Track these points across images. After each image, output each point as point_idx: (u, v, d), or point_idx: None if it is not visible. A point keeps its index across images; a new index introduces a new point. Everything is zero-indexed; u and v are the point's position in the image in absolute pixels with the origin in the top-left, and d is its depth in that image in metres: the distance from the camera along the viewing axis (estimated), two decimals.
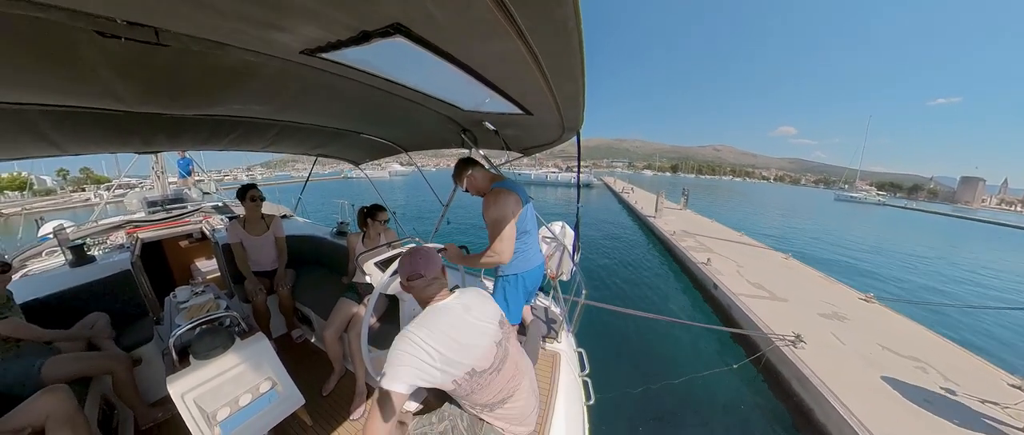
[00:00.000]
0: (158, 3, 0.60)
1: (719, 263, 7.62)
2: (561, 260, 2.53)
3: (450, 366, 0.97)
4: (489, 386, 1.03)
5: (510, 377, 1.08)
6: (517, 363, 1.13)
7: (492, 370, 1.03)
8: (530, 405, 1.13)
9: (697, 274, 7.44)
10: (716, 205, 31.51)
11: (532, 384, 1.19)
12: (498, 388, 1.05)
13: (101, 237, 3.74)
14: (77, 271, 2.67)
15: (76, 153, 1.89)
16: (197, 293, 2.18)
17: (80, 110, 1.22)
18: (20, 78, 0.90)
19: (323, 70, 1.01)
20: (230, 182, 17.26)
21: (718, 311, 6.07)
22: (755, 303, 5.48)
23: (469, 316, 1.06)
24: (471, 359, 1.00)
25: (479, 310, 1.11)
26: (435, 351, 0.96)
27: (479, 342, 1.04)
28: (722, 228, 12.48)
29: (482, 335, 1.05)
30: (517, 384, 1.10)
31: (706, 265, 7.36)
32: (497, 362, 1.05)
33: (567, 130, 1.55)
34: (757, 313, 5.08)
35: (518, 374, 1.11)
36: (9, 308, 1.84)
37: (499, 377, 1.05)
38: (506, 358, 1.09)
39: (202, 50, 0.81)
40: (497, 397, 1.06)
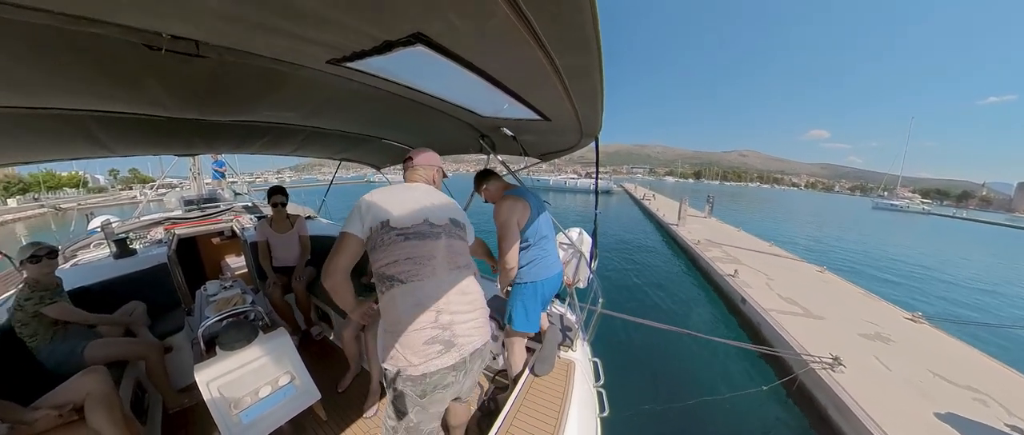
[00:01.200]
0: (199, 18, 0.65)
1: (747, 275, 7.25)
2: (578, 267, 2.50)
3: (373, 216, 1.07)
4: (389, 248, 1.05)
5: (419, 256, 1.07)
6: (450, 256, 1.14)
7: (400, 235, 1.06)
8: (431, 310, 1.05)
9: (723, 286, 7.10)
10: (742, 213, 30.20)
11: (458, 293, 1.12)
12: (395, 255, 1.05)
13: (142, 232, 4.04)
14: (120, 262, 2.88)
15: (123, 154, 2.05)
16: (226, 287, 2.31)
17: (128, 116, 1.33)
18: (78, 87, 0.99)
19: (348, 78, 1.06)
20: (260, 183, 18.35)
21: (746, 327, 5.75)
22: (787, 320, 5.14)
23: (425, 198, 1.18)
24: (388, 214, 1.08)
25: (439, 197, 1.24)
26: (371, 204, 1.09)
27: (410, 208, 1.11)
28: (749, 237, 11.91)
29: (420, 209, 1.13)
30: (418, 271, 1.06)
31: (733, 277, 7.01)
32: (413, 234, 1.08)
33: (585, 136, 1.55)
34: (790, 331, 4.76)
35: (438, 265, 1.09)
36: (58, 293, 1.98)
37: (405, 246, 1.06)
38: (430, 238, 1.10)
39: (237, 61, 0.87)
40: (392, 266, 1.05)
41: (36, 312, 1.84)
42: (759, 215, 29.55)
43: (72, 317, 1.95)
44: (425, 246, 1.09)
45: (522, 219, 1.70)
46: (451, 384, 1.08)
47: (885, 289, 8.05)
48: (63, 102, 1.11)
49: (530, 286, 1.80)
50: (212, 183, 7.96)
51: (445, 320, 1.05)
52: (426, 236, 1.10)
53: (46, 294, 1.89)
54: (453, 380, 1.08)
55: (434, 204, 1.18)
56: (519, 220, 1.68)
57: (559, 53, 0.73)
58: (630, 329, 4.53)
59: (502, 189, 1.84)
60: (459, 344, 1.07)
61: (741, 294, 6.21)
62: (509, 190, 1.79)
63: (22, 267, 1.91)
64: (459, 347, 1.06)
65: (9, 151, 1.56)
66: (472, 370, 1.15)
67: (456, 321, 1.07)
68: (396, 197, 1.13)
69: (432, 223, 1.12)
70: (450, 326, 1.06)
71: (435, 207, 1.18)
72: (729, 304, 6.62)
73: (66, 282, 2.16)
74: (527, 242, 1.78)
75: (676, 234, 12.26)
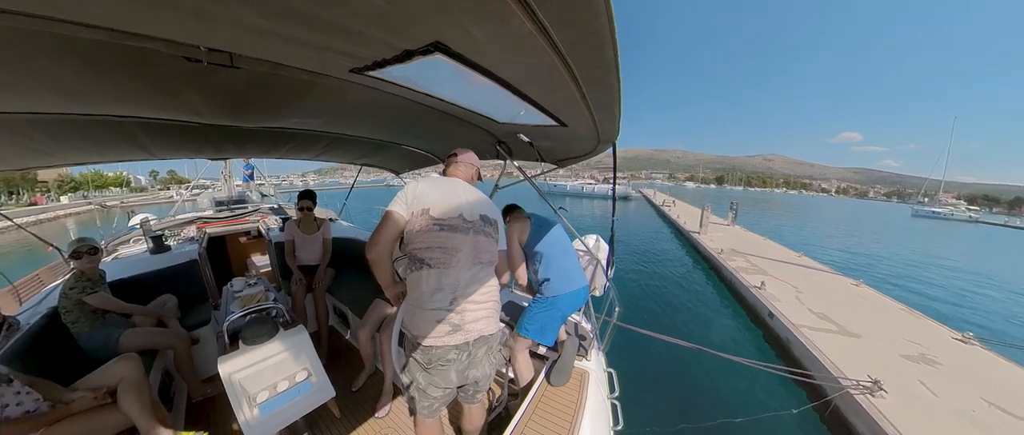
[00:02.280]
0: (234, 32, 0.70)
1: (775, 287, 6.89)
2: (594, 275, 2.47)
3: (418, 201, 1.19)
4: (425, 234, 1.16)
5: (449, 246, 1.18)
6: (475, 251, 1.22)
7: (437, 225, 1.17)
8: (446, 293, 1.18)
9: (749, 299, 6.78)
10: (768, 220, 28.87)
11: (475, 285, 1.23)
12: (429, 242, 1.16)
13: (177, 230, 4.27)
14: (156, 257, 3.06)
15: (163, 157, 2.21)
16: (250, 284, 2.39)
17: (168, 122, 1.44)
18: (125, 96, 1.08)
19: (369, 87, 1.10)
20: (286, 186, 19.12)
21: (773, 343, 5.45)
22: (820, 337, 4.84)
23: (463, 193, 1.26)
24: (431, 203, 1.18)
25: (474, 196, 1.31)
26: (418, 191, 1.20)
27: (449, 201, 1.21)
28: (777, 246, 11.36)
29: (457, 204, 1.22)
30: (447, 259, 1.17)
31: (760, 289, 6.68)
32: (447, 226, 1.18)
33: (603, 141, 1.55)
34: (823, 349, 4.47)
35: (463, 257, 1.19)
36: (100, 284, 2.13)
37: (439, 235, 1.17)
38: (462, 232, 1.20)
39: (267, 71, 0.92)
40: (425, 251, 1.17)
41: (79, 300, 1.98)
42: (786, 223, 28.15)
43: (110, 307, 2.10)
44: (456, 238, 1.18)
45: (523, 234, 1.83)
46: (454, 361, 1.20)
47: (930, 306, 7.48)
48: (112, 109, 1.21)
49: (548, 301, 1.83)
50: (241, 185, 8.45)
51: (459, 306, 1.17)
52: (458, 230, 1.19)
53: (89, 285, 2.04)
54: (455, 358, 1.20)
55: (470, 200, 1.27)
56: (519, 235, 1.83)
57: (575, 59, 0.74)
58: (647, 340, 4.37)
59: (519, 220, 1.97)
60: (466, 329, 1.19)
61: (768, 307, 5.90)
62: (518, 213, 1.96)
63: (70, 260, 2.07)
64: (465, 331, 1.19)
65: (64, 153, 1.70)
66: (477, 357, 1.25)
67: (468, 309, 1.19)
68: (439, 189, 1.23)
69: (465, 218, 1.21)
70: (462, 312, 1.18)
71: (470, 203, 1.26)
72: (755, 317, 6.31)
73: (107, 274, 2.32)
74: (544, 258, 1.84)
75: (697, 242, 11.85)
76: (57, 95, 0.99)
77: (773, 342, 5.45)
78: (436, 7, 0.59)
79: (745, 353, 5.26)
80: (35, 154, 1.59)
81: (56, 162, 1.89)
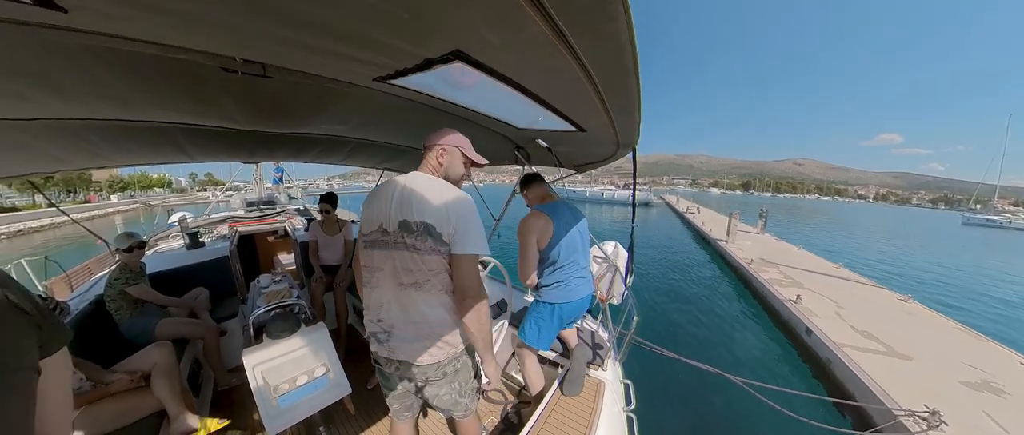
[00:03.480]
0: (267, 44, 0.74)
1: (812, 301, 6.47)
2: (612, 282, 2.40)
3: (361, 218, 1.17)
4: (360, 250, 1.17)
5: (372, 266, 1.12)
6: (395, 272, 1.08)
7: (364, 241, 1.14)
8: (373, 311, 1.14)
9: (783, 313, 6.38)
10: (801, 228, 27.30)
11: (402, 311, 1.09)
12: (363, 260, 1.16)
13: (211, 228, 4.58)
14: (191, 253, 3.28)
15: (201, 160, 2.37)
16: (276, 281, 2.50)
17: (206, 128, 1.54)
18: (168, 104, 1.17)
19: (392, 94, 1.14)
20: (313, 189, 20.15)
21: (811, 362, 5.08)
22: (865, 359, 4.47)
23: (398, 188, 1.09)
24: (363, 217, 1.15)
25: (411, 189, 1.07)
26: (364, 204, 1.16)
27: (374, 210, 1.12)
28: (812, 257, 10.67)
29: (379, 211, 1.10)
30: (370, 280, 1.13)
31: (795, 303, 6.28)
32: (369, 242, 1.12)
33: (622, 146, 1.54)
34: (869, 372, 4.11)
35: (384, 277, 1.10)
36: (141, 276, 2.29)
37: (365, 253, 1.14)
38: (382, 248, 1.09)
39: (296, 80, 0.97)
40: (363, 269, 1.16)
41: (122, 290, 2.14)
42: (820, 231, 26.42)
43: (149, 298, 2.25)
44: (375, 256, 1.10)
45: (542, 238, 1.68)
46: (392, 376, 1.18)
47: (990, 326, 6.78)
48: (156, 116, 1.32)
49: (547, 307, 1.79)
50: (271, 187, 8.96)
51: (386, 325, 1.11)
52: (376, 245, 1.10)
53: (132, 276, 2.20)
54: (391, 373, 1.17)
55: (397, 204, 1.05)
56: (539, 239, 1.69)
57: (594, 63, 0.74)
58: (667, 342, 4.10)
59: (538, 199, 1.83)
60: (391, 347, 1.11)
61: (806, 323, 5.53)
62: (541, 204, 1.79)
63: (115, 252, 2.26)
64: (389, 349, 1.12)
65: (115, 155, 1.84)
66: (415, 378, 1.14)
67: (394, 332, 1.09)
68: (374, 196, 1.14)
69: (384, 229, 1.08)
70: (389, 331, 1.10)
71: (397, 207, 1.05)
72: (790, 334, 5.93)
73: (147, 266, 2.49)
74: (552, 261, 1.76)
75: (725, 252, 11.34)
76: (110, 102, 1.08)
77: (811, 362, 5.08)
78: (455, 17, 0.60)
79: (779, 373, 4.94)
80: (90, 156, 1.73)
81: (107, 163, 2.04)
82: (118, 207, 35.67)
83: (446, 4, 0.56)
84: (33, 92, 0.91)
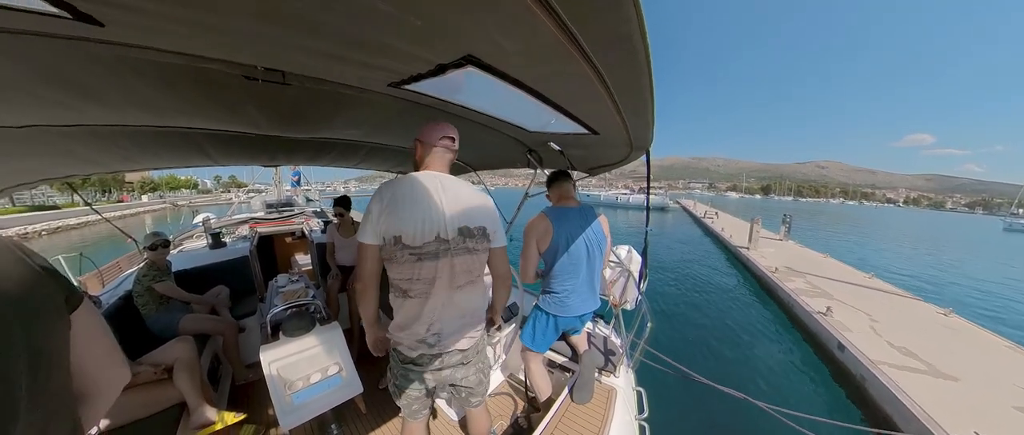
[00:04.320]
0: (286, 53, 0.78)
1: (844, 314, 6.14)
2: (625, 287, 2.36)
3: (386, 228, 1.04)
4: (403, 267, 1.06)
5: (428, 278, 1.08)
6: (451, 277, 1.10)
7: (413, 255, 1.05)
8: (424, 322, 1.12)
9: (812, 326, 6.07)
10: (826, 235, 26.05)
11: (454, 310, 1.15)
12: (409, 274, 1.07)
13: (232, 228, 4.77)
14: (213, 252, 3.41)
15: (224, 164, 2.48)
16: (293, 281, 2.57)
17: (228, 133, 1.60)
18: (194, 111, 1.23)
19: (405, 99, 1.15)
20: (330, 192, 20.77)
21: (843, 380, 4.80)
22: (905, 378, 4.18)
23: (440, 194, 1.08)
24: (401, 229, 1.03)
25: (456, 194, 1.11)
26: (382, 213, 1.04)
27: (422, 220, 1.04)
28: (841, 266, 10.17)
29: (431, 221, 1.05)
30: (425, 291, 1.09)
31: (826, 316, 5.97)
32: (425, 254, 1.06)
33: (635, 149, 1.53)
34: (910, 394, 3.84)
35: (439, 286, 1.10)
36: (167, 274, 2.40)
37: (417, 267, 1.06)
38: (438, 258, 1.07)
39: (314, 87, 1.01)
40: (406, 282, 1.08)
41: (149, 287, 2.25)
42: (848, 238, 25.12)
43: (174, 294, 2.36)
44: (433, 267, 1.08)
45: (541, 242, 1.68)
46: (425, 365, 1.20)
47: None
48: (183, 122, 1.38)
49: (544, 316, 1.79)
50: (289, 190, 9.34)
51: (436, 329, 1.14)
52: (436, 256, 1.07)
53: (158, 274, 2.31)
54: (427, 363, 1.20)
55: (449, 211, 1.09)
56: (538, 242, 1.69)
57: (606, 66, 0.74)
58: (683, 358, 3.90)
59: (556, 199, 1.83)
60: (442, 346, 1.17)
61: (838, 338, 5.23)
62: (553, 206, 1.78)
63: (144, 251, 2.37)
64: (441, 346, 1.17)
65: (145, 159, 1.95)
66: (450, 363, 1.21)
67: (445, 331, 1.15)
68: (410, 206, 1.05)
69: (441, 238, 1.07)
70: (439, 334, 1.15)
71: (450, 215, 1.08)
72: (819, 349, 5.62)
73: (173, 265, 2.61)
74: (551, 270, 1.75)
75: (747, 259, 10.95)
76: (141, 109, 1.15)
77: (843, 380, 4.79)
78: (467, 22, 0.61)
79: (807, 392, 4.66)
80: (122, 159, 1.84)
81: (137, 167, 2.17)
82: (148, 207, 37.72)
83: (458, 10, 0.57)
84: (73, 100, 0.98)
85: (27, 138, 1.22)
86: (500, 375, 2.39)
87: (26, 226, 22.08)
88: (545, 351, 1.88)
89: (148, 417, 1.58)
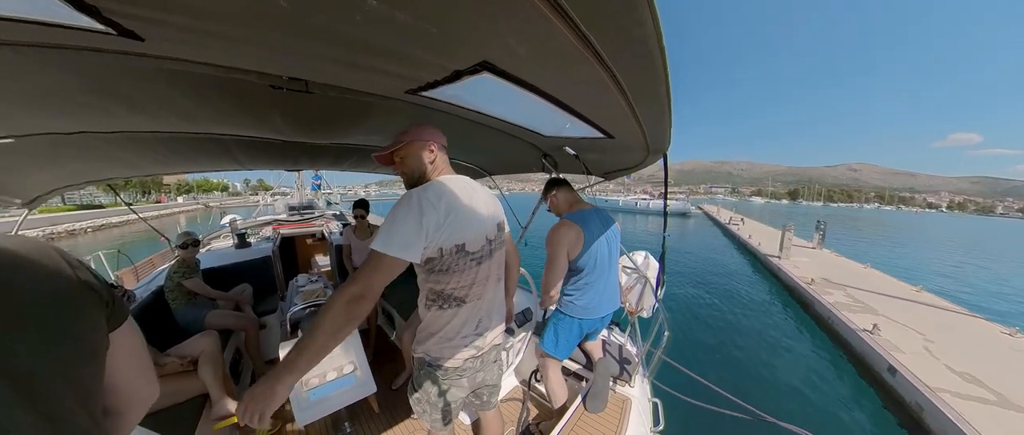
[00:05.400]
0: (310, 63, 0.81)
1: (893, 332, 5.63)
2: (642, 294, 2.29)
3: (449, 235, 0.97)
4: (463, 274, 1.04)
5: (483, 279, 1.09)
6: (489, 275, 1.12)
7: (473, 259, 1.05)
8: (472, 322, 1.12)
9: (856, 346, 5.59)
10: (863, 243, 24.24)
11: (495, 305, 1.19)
12: (468, 280, 1.06)
13: (257, 229, 5.04)
14: (238, 251, 3.61)
15: (251, 168, 2.63)
16: (312, 281, 2.68)
17: (255, 139, 1.69)
18: (224, 118, 1.31)
19: (422, 106, 1.18)
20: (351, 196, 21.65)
21: (895, 408, 4.35)
22: (971, 409, 3.74)
23: (474, 195, 1.08)
24: (465, 237, 1.02)
25: (484, 197, 1.14)
26: (443, 217, 0.95)
27: (479, 224, 1.06)
28: (883, 276, 9.46)
29: (482, 223, 1.07)
30: (480, 292, 1.10)
31: (872, 335, 5.49)
32: (482, 257, 1.07)
33: (652, 153, 1.50)
34: (979, 428, 3.41)
35: (490, 284, 1.13)
36: (195, 271, 2.53)
37: (477, 271, 1.07)
38: (489, 258, 1.10)
39: (335, 95, 1.05)
40: (462, 289, 1.06)
41: (179, 283, 2.39)
42: (888, 246, 23.16)
43: (201, 291, 2.48)
44: (487, 268, 1.10)
45: (573, 249, 1.63)
46: (468, 370, 1.18)
47: None
48: (214, 129, 1.47)
49: (566, 320, 1.75)
50: (311, 194, 9.83)
51: (483, 326, 1.15)
52: (488, 256, 1.10)
53: (188, 271, 2.45)
54: (470, 367, 1.18)
55: (487, 214, 1.12)
56: (570, 250, 1.63)
57: (621, 69, 0.73)
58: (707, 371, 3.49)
59: (569, 206, 1.79)
60: (487, 340, 1.18)
61: (888, 360, 4.77)
62: (572, 212, 1.72)
63: (175, 250, 2.53)
64: (485, 341, 1.18)
65: (178, 163, 2.10)
66: (487, 362, 1.23)
67: (489, 328, 1.17)
68: (465, 209, 1.02)
69: (489, 239, 1.10)
70: (484, 333, 1.16)
71: (488, 217, 1.12)
72: (866, 371, 5.15)
73: (201, 262, 2.76)
74: (578, 274, 1.70)
75: (778, 269, 10.35)
76: (176, 117, 1.23)
77: (896, 408, 4.35)
78: (481, 29, 0.62)
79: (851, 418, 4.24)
80: (158, 163, 1.99)
81: (171, 170, 2.34)
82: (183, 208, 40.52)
83: (472, 18, 0.58)
84: (116, 109, 1.07)
85: (76, 143, 1.34)
86: (514, 380, 2.40)
87: (74, 223, 24.46)
88: (566, 357, 1.85)
89: (173, 406, 1.66)
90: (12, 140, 1.19)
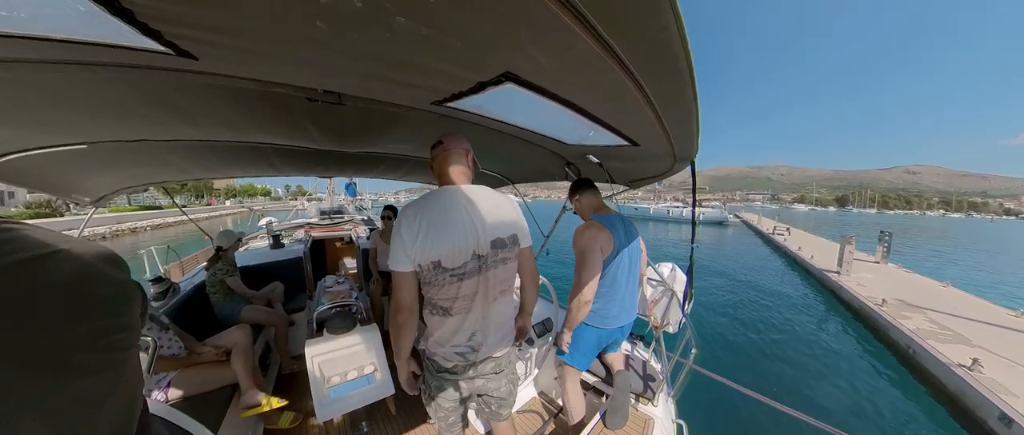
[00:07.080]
0: (343, 76, 0.88)
1: (998, 369, 4.73)
2: (668, 308, 2.17)
3: (421, 252, 1.04)
4: (445, 288, 1.08)
5: (469, 294, 1.10)
6: (487, 290, 1.13)
7: (454, 276, 1.07)
8: (465, 333, 1.14)
9: (951, 385, 4.72)
10: (934, 256, 20.57)
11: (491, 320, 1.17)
12: (450, 294, 1.09)
13: (290, 231, 5.34)
14: (273, 252, 3.87)
15: (286, 175, 2.83)
16: (339, 283, 2.75)
17: (292, 147, 1.80)
18: (265, 128, 1.40)
19: (447, 116, 1.22)
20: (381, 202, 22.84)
21: None
22: None
23: (469, 210, 1.09)
24: (441, 253, 1.04)
25: (483, 207, 1.11)
26: (414, 238, 1.04)
27: (459, 242, 1.06)
28: (970, 298, 8.18)
29: (466, 240, 1.06)
30: (467, 307, 1.11)
31: (972, 372, 4.60)
32: (466, 273, 1.08)
33: (679, 160, 1.47)
34: None
35: (478, 300, 1.12)
36: (234, 269, 2.73)
37: (459, 286, 1.08)
38: (477, 274, 1.09)
39: (365, 106, 1.12)
40: (447, 301, 1.10)
41: (221, 279, 2.60)
42: (964, 260, 19.39)
43: (238, 289, 2.69)
44: (474, 283, 1.11)
45: (606, 249, 1.60)
46: (460, 373, 1.22)
47: None
48: (255, 138, 1.58)
49: (581, 327, 1.69)
50: (342, 199, 10.41)
51: (477, 339, 1.17)
52: (476, 272, 1.10)
53: (229, 268, 2.67)
54: (461, 372, 1.22)
55: (482, 226, 1.09)
56: (603, 248, 1.59)
57: (645, 76, 0.73)
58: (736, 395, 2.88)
59: (593, 209, 1.77)
60: (480, 353, 1.19)
61: (998, 406, 3.92)
62: (599, 214, 1.72)
63: (218, 249, 2.73)
64: (479, 354, 1.19)
65: (223, 169, 2.29)
66: (483, 371, 1.23)
67: (486, 341, 1.18)
68: (444, 228, 1.05)
69: (478, 254, 1.09)
70: (478, 345, 1.17)
71: (483, 230, 1.09)
72: (964, 418, 4.31)
73: (239, 261, 3.00)
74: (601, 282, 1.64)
75: (838, 287, 9.29)
76: (223, 127, 1.34)
77: None
78: (504, 41, 0.64)
79: None
80: (205, 169, 2.20)
81: (217, 175, 2.56)
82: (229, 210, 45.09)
83: (495, 30, 0.60)
84: (171, 120, 1.19)
85: (136, 150, 1.49)
86: (532, 391, 2.40)
87: (135, 222, 28.02)
88: (586, 368, 1.83)
89: (205, 393, 1.79)
90: (86, 146, 1.35)
